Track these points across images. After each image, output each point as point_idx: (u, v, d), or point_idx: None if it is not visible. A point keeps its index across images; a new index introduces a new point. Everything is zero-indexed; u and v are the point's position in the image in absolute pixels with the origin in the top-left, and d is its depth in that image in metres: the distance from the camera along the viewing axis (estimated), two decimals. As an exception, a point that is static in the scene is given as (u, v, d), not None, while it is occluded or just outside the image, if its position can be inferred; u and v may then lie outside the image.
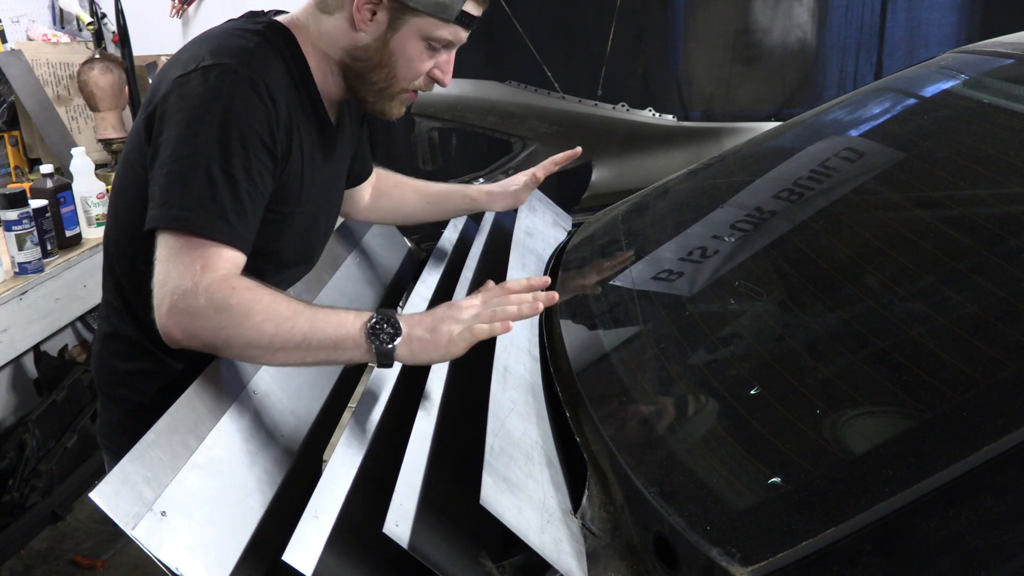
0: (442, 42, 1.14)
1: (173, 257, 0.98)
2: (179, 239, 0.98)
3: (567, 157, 1.53)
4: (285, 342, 0.94)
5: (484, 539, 0.82)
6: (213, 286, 0.95)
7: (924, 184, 1.13)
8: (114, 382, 1.22)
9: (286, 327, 0.94)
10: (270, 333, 0.94)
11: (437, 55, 1.16)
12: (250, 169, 1.03)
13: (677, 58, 3.25)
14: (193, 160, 1.00)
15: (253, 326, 0.94)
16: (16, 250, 1.87)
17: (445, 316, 0.97)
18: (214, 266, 0.97)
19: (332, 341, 0.95)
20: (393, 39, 1.13)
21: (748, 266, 1.13)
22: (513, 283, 1.03)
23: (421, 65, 1.16)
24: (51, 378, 2.44)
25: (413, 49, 1.14)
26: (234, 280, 0.97)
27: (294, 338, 0.94)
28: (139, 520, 0.76)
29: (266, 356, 0.97)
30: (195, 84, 1.03)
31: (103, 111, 2.65)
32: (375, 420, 0.98)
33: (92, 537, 2.46)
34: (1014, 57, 1.32)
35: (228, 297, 0.94)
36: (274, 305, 0.95)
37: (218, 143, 1.01)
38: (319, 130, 1.20)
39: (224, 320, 0.94)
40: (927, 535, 0.65)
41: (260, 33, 1.11)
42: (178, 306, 0.95)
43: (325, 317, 0.96)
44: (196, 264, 0.96)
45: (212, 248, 0.98)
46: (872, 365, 0.85)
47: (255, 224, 1.06)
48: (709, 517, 0.74)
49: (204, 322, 0.95)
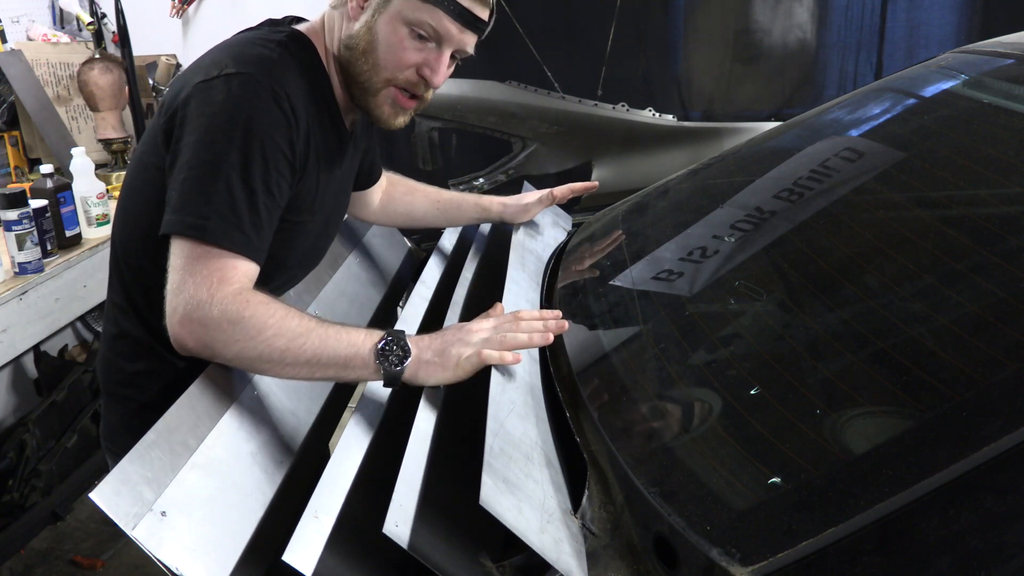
0: (425, 29, 1.10)
1: (189, 266, 0.98)
2: (195, 248, 0.99)
3: (585, 188, 1.62)
4: (296, 358, 0.96)
5: (484, 539, 0.82)
6: (228, 299, 0.96)
7: (924, 184, 1.13)
8: (120, 383, 1.22)
9: (297, 343, 0.95)
10: (281, 348, 0.95)
11: (425, 48, 1.12)
12: (269, 180, 1.04)
13: (677, 58, 3.25)
14: (213, 168, 1.01)
15: (265, 340, 0.95)
16: (16, 250, 1.87)
17: (455, 340, 0.99)
18: (230, 279, 0.98)
19: (342, 359, 0.96)
20: (378, 23, 1.12)
21: (748, 266, 1.13)
22: (525, 312, 1.06)
23: (404, 53, 1.12)
24: (51, 378, 2.45)
25: (395, 34, 1.11)
26: (248, 294, 0.98)
27: (304, 354, 0.96)
28: (139, 520, 0.76)
29: (276, 369, 0.98)
30: (217, 91, 1.03)
31: (103, 111, 2.65)
32: (375, 420, 0.98)
33: (92, 537, 2.46)
34: (1014, 57, 1.32)
35: (242, 311, 0.95)
36: (286, 321, 0.96)
37: (239, 153, 1.01)
38: (334, 138, 1.20)
39: (237, 333, 0.95)
40: (927, 535, 0.65)
41: (281, 43, 1.12)
42: (192, 316, 0.96)
43: (336, 335, 0.97)
44: (213, 276, 0.97)
45: (228, 259, 0.99)
46: (872, 365, 0.85)
47: (270, 235, 1.07)
48: (709, 517, 0.74)
49: (217, 334, 0.96)
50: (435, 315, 1.29)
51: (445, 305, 1.28)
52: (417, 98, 1.18)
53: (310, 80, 1.13)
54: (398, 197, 1.58)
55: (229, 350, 0.96)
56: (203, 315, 0.96)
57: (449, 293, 1.32)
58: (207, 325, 0.96)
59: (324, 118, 1.16)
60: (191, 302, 0.96)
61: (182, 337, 0.98)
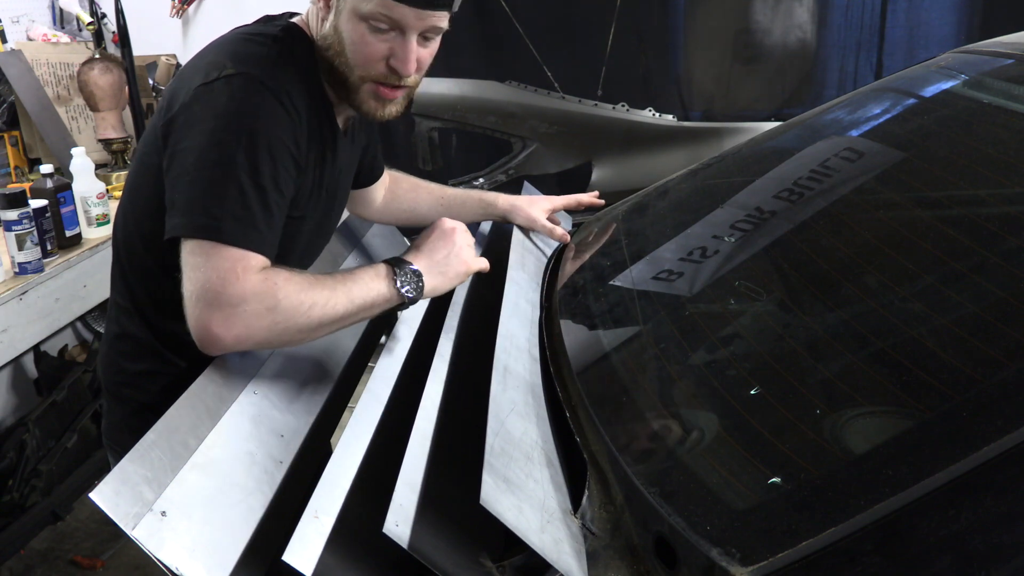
0: (381, 21, 1.07)
1: (206, 265, 0.98)
2: (210, 248, 0.99)
3: (592, 201, 1.64)
4: (331, 320, 1.03)
5: (484, 539, 0.82)
6: (258, 289, 0.98)
7: (924, 184, 1.13)
8: (122, 383, 1.22)
9: (329, 307, 1.02)
10: (318, 316, 1.01)
11: (388, 38, 1.09)
12: (277, 178, 1.05)
13: (677, 58, 3.25)
14: (221, 170, 1.01)
15: (303, 313, 1.00)
16: (16, 250, 1.87)
17: (449, 254, 1.15)
18: (251, 269, 0.99)
19: (368, 304, 1.06)
20: (340, 23, 1.10)
21: (748, 266, 1.13)
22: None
23: (368, 48, 1.09)
24: (51, 378, 2.45)
25: (355, 31, 1.09)
26: (273, 276, 1.00)
27: (337, 314, 1.03)
28: (139, 520, 0.76)
29: (312, 335, 1.04)
30: (219, 93, 1.03)
31: (103, 111, 2.65)
32: (375, 420, 0.98)
33: (92, 537, 2.46)
34: (1014, 57, 1.32)
35: (276, 295, 0.98)
36: (312, 290, 1.01)
37: (246, 153, 1.01)
38: (329, 133, 1.20)
39: (278, 316, 0.99)
40: (927, 535, 0.65)
41: (278, 39, 1.11)
42: (228, 315, 0.97)
43: (356, 285, 1.05)
44: (237, 268, 0.98)
45: (245, 254, 1.00)
46: (872, 365, 0.85)
47: (280, 232, 1.08)
48: (709, 517, 0.74)
49: (258, 323, 0.98)
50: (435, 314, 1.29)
51: (445, 305, 1.27)
52: (400, 88, 1.15)
53: (306, 76, 1.13)
54: (401, 194, 1.57)
55: (272, 333, 0.99)
56: (239, 311, 0.97)
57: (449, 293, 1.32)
58: (245, 318, 0.97)
59: (320, 113, 1.16)
60: (222, 301, 0.96)
61: (219, 336, 0.97)
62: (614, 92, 3.03)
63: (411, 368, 1.11)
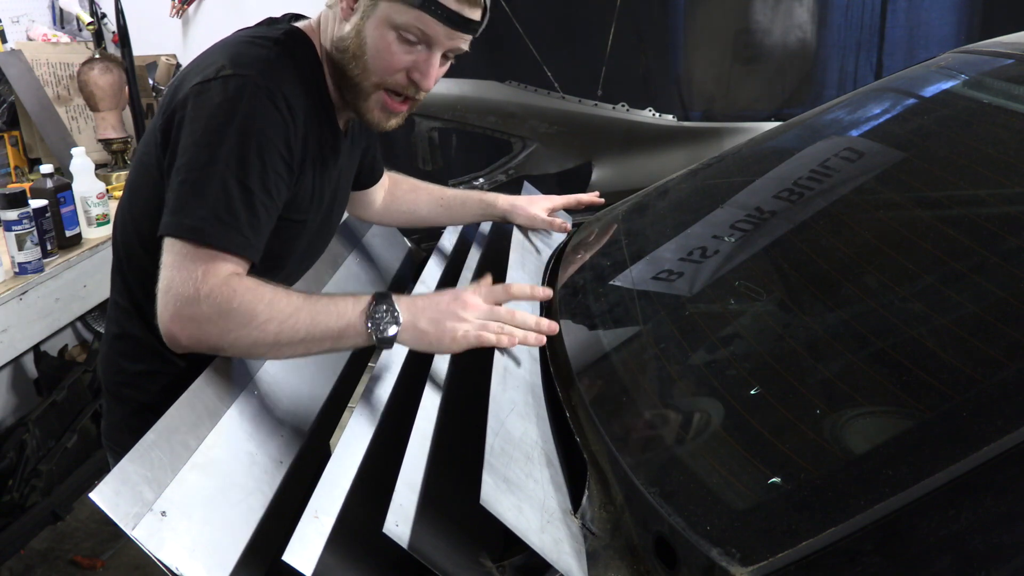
0: (413, 33, 1.08)
1: (178, 263, 0.99)
2: (188, 247, 0.99)
3: (592, 200, 1.62)
4: (290, 338, 0.97)
5: (484, 539, 0.82)
6: (215, 291, 0.96)
7: (924, 184, 1.13)
8: (122, 383, 1.22)
9: (289, 324, 0.97)
10: (274, 332, 0.96)
11: (414, 51, 1.11)
12: (267, 181, 1.04)
13: (677, 58, 3.25)
14: (209, 170, 1.01)
15: (257, 326, 0.96)
16: (16, 250, 1.87)
17: (449, 312, 1.00)
18: (216, 271, 0.98)
19: (335, 332, 0.98)
20: (366, 27, 1.10)
21: (748, 266, 1.13)
22: (516, 287, 1.07)
23: (392, 58, 1.10)
24: (51, 378, 2.45)
25: (382, 38, 1.10)
26: (234, 282, 0.98)
27: (298, 333, 0.97)
28: (139, 520, 0.76)
29: (272, 352, 1.00)
30: (214, 93, 1.04)
31: (103, 111, 2.65)
32: (375, 420, 0.98)
33: (92, 537, 2.46)
34: (1014, 57, 1.32)
35: (230, 300, 0.96)
36: (275, 303, 0.97)
37: (236, 154, 1.01)
38: (330, 136, 1.20)
39: (229, 323, 0.96)
40: (927, 535, 0.65)
41: (279, 41, 1.11)
42: (182, 313, 0.97)
43: (325, 309, 0.98)
44: (198, 270, 0.97)
45: (217, 255, 0.99)
46: (872, 365, 0.85)
47: (267, 234, 1.07)
48: (709, 517, 0.74)
49: (209, 327, 0.96)
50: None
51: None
52: (408, 101, 1.17)
53: (306, 79, 1.13)
54: (401, 196, 1.57)
55: (224, 340, 0.97)
56: (193, 311, 0.96)
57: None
58: (198, 320, 0.96)
59: (320, 116, 1.16)
60: (179, 299, 0.97)
61: (175, 334, 0.98)
62: (614, 92, 3.03)
63: (411, 368, 1.11)
